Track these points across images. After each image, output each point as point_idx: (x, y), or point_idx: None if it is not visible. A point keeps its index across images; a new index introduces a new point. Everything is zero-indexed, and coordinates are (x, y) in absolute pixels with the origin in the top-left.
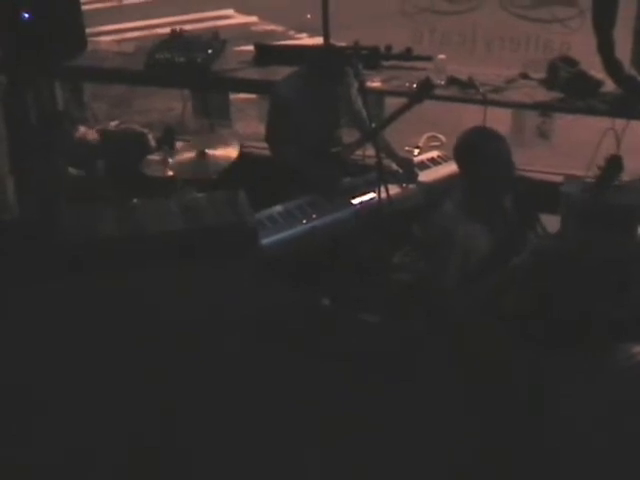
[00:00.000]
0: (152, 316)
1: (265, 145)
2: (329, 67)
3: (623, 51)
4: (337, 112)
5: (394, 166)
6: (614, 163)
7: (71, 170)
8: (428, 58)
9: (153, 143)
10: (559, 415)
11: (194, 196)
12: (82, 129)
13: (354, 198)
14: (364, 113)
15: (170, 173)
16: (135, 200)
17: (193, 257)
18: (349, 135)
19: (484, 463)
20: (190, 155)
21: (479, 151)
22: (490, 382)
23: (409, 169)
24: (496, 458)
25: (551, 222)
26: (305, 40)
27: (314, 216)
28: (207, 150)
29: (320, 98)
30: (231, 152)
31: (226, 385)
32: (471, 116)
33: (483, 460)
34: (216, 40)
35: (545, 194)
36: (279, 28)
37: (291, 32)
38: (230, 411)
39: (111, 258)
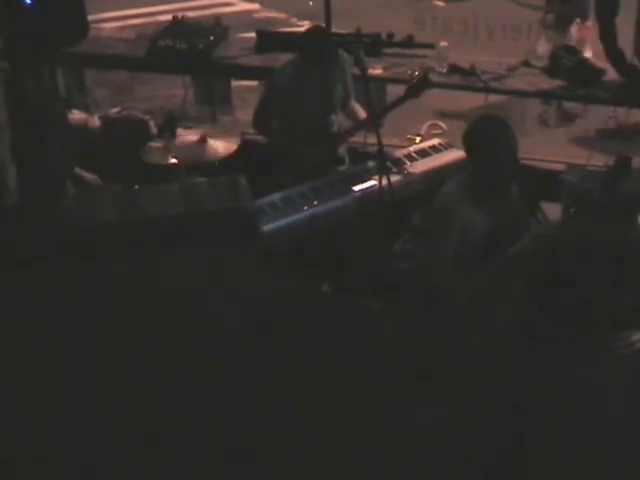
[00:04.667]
0: (152, 301)
1: None
2: (318, 50)
3: (625, 40)
4: (332, 97)
5: (395, 153)
6: (623, 164)
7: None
8: (430, 46)
9: (154, 130)
10: (560, 406)
11: (194, 181)
12: (83, 115)
13: (355, 185)
14: (352, 101)
15: (171, 160)
16: (136, 186)
17: (192, 242)
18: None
19: (484, 462)
20: (191, 141)
21: (488, 140)
22: (490, 376)
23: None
24: (496, 454)
25: (552, 210)
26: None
27: (315, 203)
28: (208, 137)
29: (313, 83)
30: (232, 139)
31: (225, 373)
32: (473, 104)
33: (483, 459)
34: (218, 27)
35: (546, 182)
36: (281, 15)
37: (293, 19)
38: (228, 400)
39: (111, 243)
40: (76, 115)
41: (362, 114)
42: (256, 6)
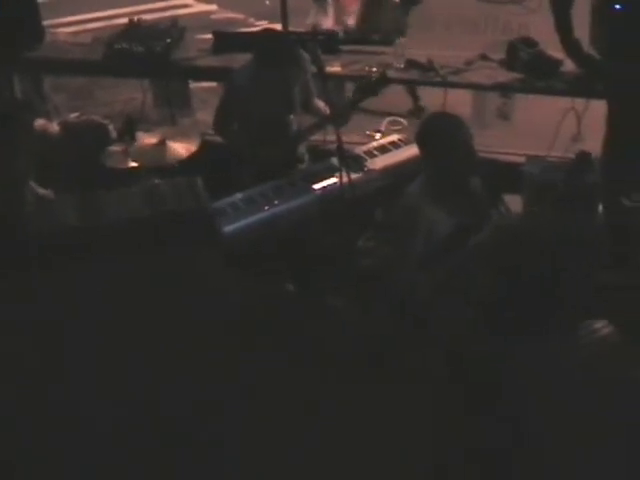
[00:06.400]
0: (114, 304)
1: None
2: (272, 52)
3: (581, 30)
4: (290, 97)
5: (355, 150)
6: (584, 159)
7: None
8: (387, 42)
9: (114, 134)
10: (525, 394)
11: (154, 183)
12: (42, 122)
13: (316, 183)
14: (314, 99)
15: (131, 164)
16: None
17: (155, 243)
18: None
19: (453, 454)
20: (151, 144)
21: (440, 136)
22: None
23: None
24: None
25: (513, 202)
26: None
27: (276, 202)
28: (168, 139)
29: (270, 83)
30: (192, 141)
31: (191, 373)
32: (432, 99)
33: (453, 451)
34: (174, 29)
35: (507, 174)
36: (239, 16)
37: (251, 19)
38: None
39: (73, 247)
40: (35, 122)
41: (326, 112)
42: (213, 7)
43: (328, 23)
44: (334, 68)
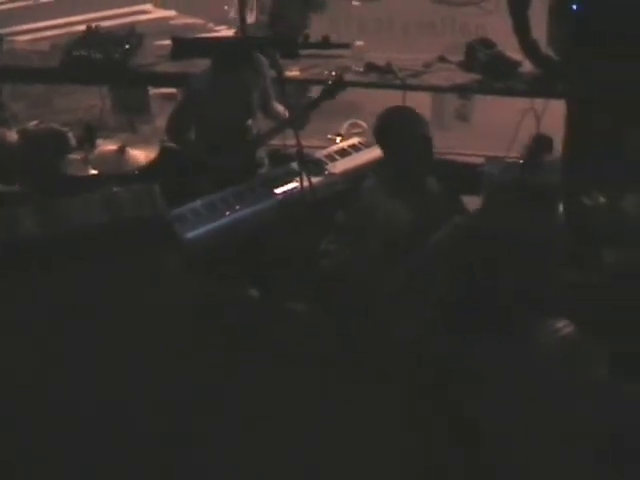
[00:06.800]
0: (73, 313)
1: None
2: (232, 56)
3: (539, 31)
4: (249, 102)
5: (316, 154)
6: (541, 142)
7: None
8: (346, 46)
9: (73, 142)
10: (485, 393)
11: (109, 191)
12: (1, 130)
13: (277, 187)
14: (272, 103)
15: (91, 171)
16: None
17: (115, 250)
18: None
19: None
20: (110, 151)
21: (398, 131)
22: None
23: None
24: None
25: (473, 203)
26: (224, 32)
27: (237, 207)
28: (128, 146)
29: (228, 88)
30: (152, 148)
31: (148, 378)
32: (391, 102)
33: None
34: (132, 35)
35: (466, 176)
36: (198, 21)
37: (210, 25)
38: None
39: (32, 256)
40: None
41: (285, 116)
42: (172, 13)
43: (252, 18)
44: (293, 72)
